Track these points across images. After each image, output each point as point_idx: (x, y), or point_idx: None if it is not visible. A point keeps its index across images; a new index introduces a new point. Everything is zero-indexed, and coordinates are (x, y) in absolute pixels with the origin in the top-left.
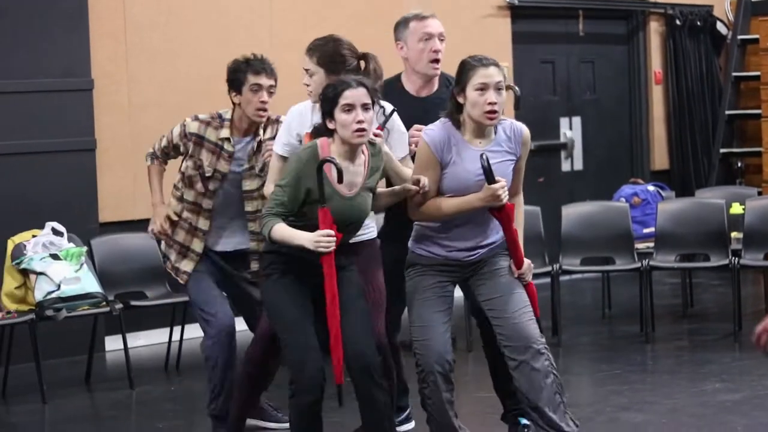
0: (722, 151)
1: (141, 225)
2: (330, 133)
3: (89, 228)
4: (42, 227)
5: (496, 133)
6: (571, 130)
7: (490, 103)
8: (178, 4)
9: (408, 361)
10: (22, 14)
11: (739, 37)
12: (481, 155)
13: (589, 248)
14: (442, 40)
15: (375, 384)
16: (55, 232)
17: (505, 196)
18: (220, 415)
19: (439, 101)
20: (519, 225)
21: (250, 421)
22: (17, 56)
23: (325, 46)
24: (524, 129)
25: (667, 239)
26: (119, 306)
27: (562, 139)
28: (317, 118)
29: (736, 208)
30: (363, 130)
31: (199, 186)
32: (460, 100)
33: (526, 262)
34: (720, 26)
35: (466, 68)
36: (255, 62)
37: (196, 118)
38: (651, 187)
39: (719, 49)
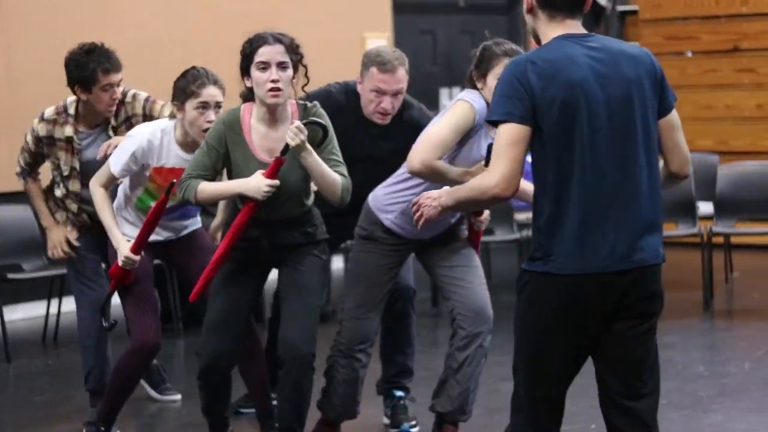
0: None
1: (17, 197)
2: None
3: None
4: None
5: None
6: (451, 100)
7: None
8: None
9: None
10: None
11: (619, 8)
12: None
13: None
14: (396, 95)
15: (303, 375)
16: None
17: None
18: (97, 389)
19: (389, 130)
20: None
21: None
22: None
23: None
24: None
25: None
26: None
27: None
28: (168, 151)
29: None
30: (278, 89)
31: (61, 187)
32: (479, 84)
33: (486, 212)
34: None
35: (489, 55)
36: (101, 59)
37: (42, 119)
38: (530, 159)
39: (599, 20)
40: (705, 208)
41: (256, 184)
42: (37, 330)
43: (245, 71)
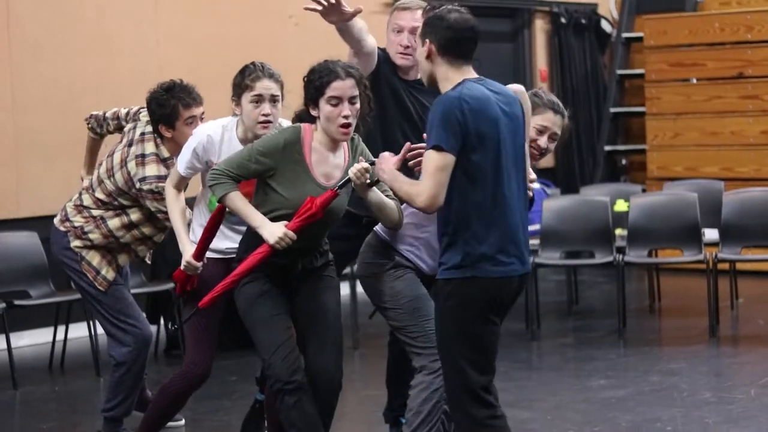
0: (607, 148)
1: (25, 224)
2: (312, 119)
3: None
4: None
5: None
6: None
7: (545, 150)
8: (62, 1)
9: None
10: None
11: (624, 35)
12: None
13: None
14: (414, 32)
15: (335, 399)
16: None
17: None
18: (120, 417)
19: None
20: None
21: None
22: None
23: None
24: None
25: (552, 236)
26: (2, 305)
27: None
28: (229, 147)
29: (621, 206)
30: (348, 125)
31: (151, 226)
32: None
33: None
34: (604, 24)
35: (533, 104)
36: (181, 94)
37: (162, 179)
38: (536, 185)
39: (604, 47)
40: (710, 234)
41: (275, 230)
42: (43, 356)
43: (313, 101)
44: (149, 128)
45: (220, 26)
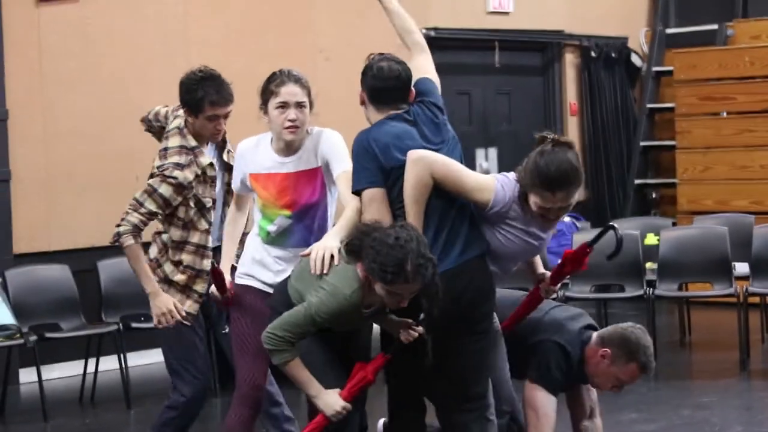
0: (637, 181)
1: (56, 257)
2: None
3: (3, 259)
4: None
5: None
6: (487, 161)
7: (554, 219)
8: (94, 33)
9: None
10: None
11: (654, 68)
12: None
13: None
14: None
15: None
16: None
17: None
18: None
19: None
20: None
21: None
22: None
23: None
24: None
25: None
26: (33, 338)
27: (478, 170)
28: (263, 156)
29: (651, 239)
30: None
31: (203, 223)
32: (531, 196)
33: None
34: (635, 58)
35: (548, 179)
36: (210, 89)
37: (181, 167)
38: (566, 218)
39: (634, 81)
40: (741, 268)
41: (332, 403)
42: (74, 389)
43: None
44: (174, 125)
45: (252, 61)
